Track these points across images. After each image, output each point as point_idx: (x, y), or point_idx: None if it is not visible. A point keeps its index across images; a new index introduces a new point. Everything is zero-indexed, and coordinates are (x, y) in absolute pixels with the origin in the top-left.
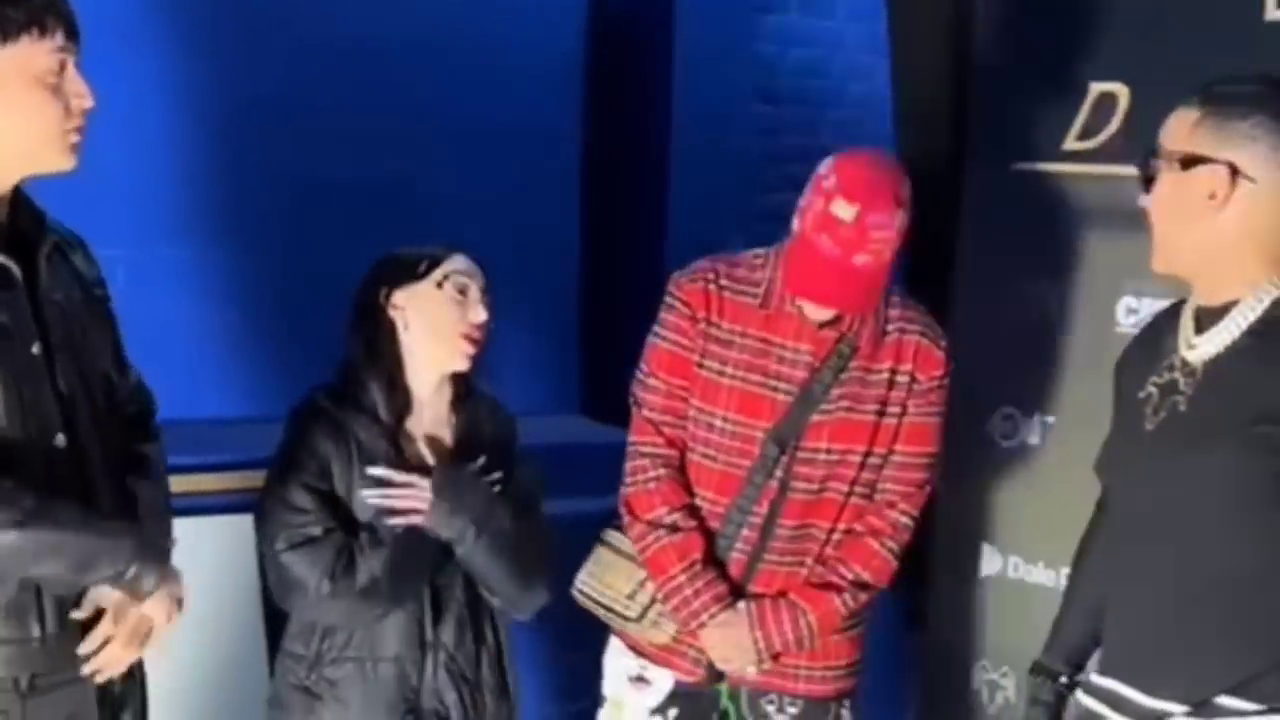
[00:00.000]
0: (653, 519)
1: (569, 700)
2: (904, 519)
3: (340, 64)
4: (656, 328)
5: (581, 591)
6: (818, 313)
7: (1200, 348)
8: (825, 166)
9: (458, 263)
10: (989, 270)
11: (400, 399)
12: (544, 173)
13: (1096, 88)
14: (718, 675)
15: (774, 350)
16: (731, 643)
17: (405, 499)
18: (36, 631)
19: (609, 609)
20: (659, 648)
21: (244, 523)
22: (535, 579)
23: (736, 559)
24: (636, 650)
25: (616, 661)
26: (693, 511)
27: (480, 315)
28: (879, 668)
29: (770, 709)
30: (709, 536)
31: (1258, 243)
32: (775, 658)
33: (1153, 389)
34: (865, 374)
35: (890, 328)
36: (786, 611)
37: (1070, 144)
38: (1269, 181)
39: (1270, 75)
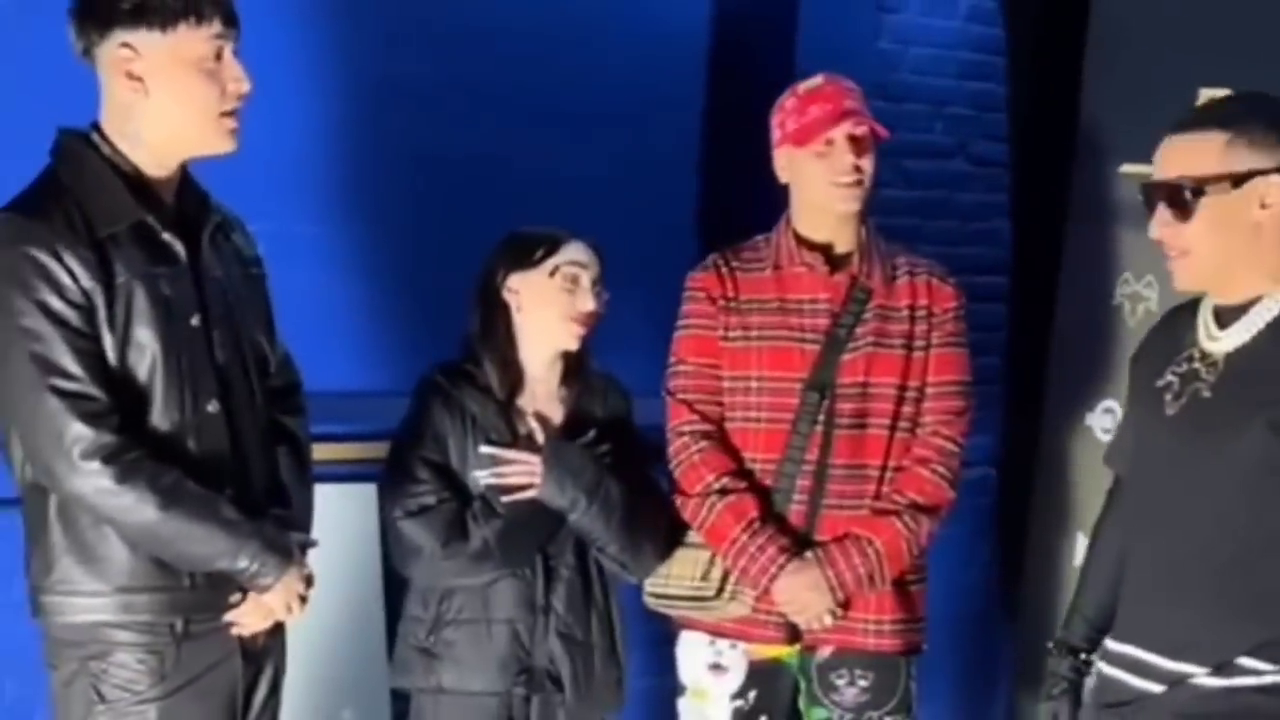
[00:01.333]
0: (703, 489)
1: (668, 675)
2: (948, 445)
3: (474, 46)
4: (679, 320)
5: (653, 594)
6: (842, 202)
7: (1224, 340)
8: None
9: (573, 251)
10: (1094, 268)
11: (513, 376)
12: (666, 160)
13: (1205, 93)
14: (795, 635)
15: (793, 306)
16: (804, 589)
17: (517, 475)
18: (187, 581)
19: (686, 598)
20: (739, 622)
21: (369, 492)
22: (646, 545)
23: (796, 510)
24: (712, 635)
25: (691, 653)
26: (742, 474)
27: (588, 305)
28: (971, 655)
29: (840, 683)
30: (764, 495)
31: None
32: (846, 606)
33: (1173, 377)
34: (885, 311)
35: (899, 271)
36: (853, 545)
37: None
38: None
39: (1254, 94)
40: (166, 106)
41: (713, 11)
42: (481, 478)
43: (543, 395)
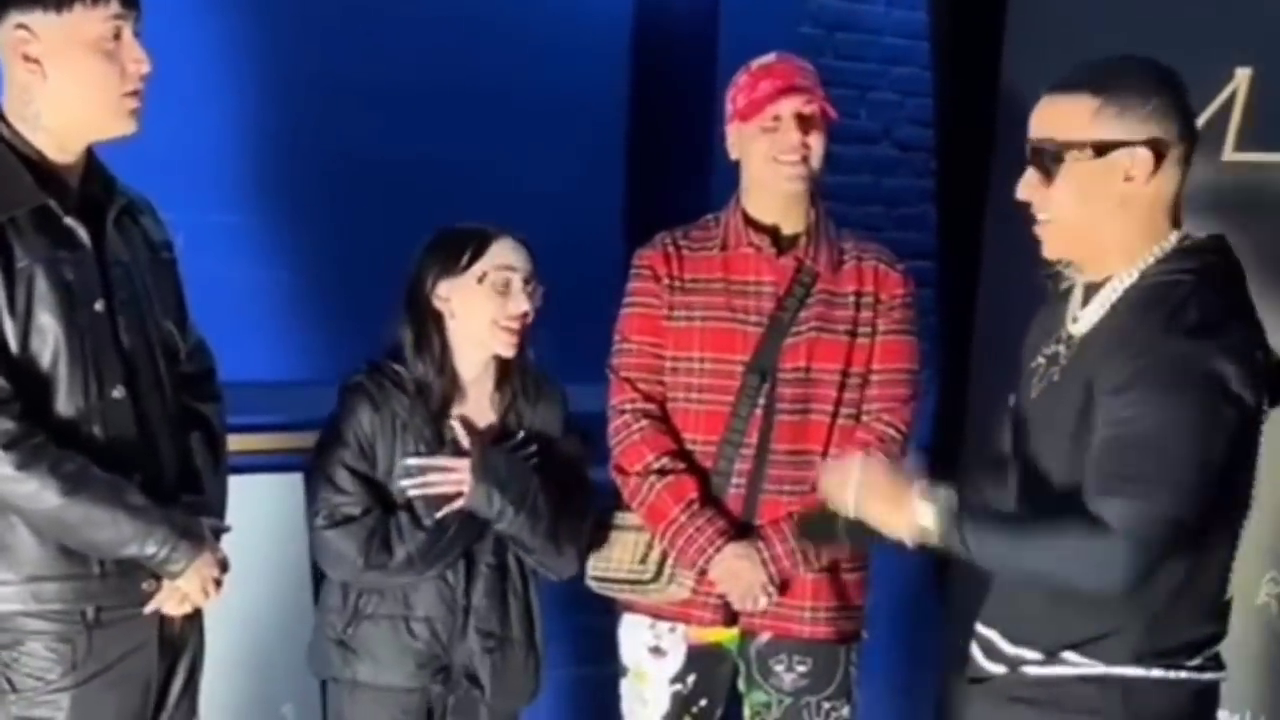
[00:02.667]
0: (642, 468)
1: (596, 664)
2: (891, 431)
3: (394, 39)
4: (625, 298)
5: (595, 578)
6: (785, 183)
7: (1081, 321)
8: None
9: (501, 253)
10: (1017, 250)
11: (447, 384)
12: (590, 153)
13: None
14: (733, 617)
15: (737, 287)
16: (742, 572)
17: (444, 484)
18: (97, 569)
19: (625, 581)
20: (679, 604)
21: (293, 481)
22: (569, 548)
23: (735, 494)
24: (652, 617)
25: (632, 634)
26: (681, 455)
27: (521, 307)
28: (908, 639)
29: (779, 668)
30: (703, 478)
31: (1148, 219)
32: (783, 590)
33: (1042, 359)
34: (830, 297)
35: (847, 256)
36: (788, 525)
37: None
38: (1173, 156)
39: (1139, 58)
40: (65, 88)
41: (635, 7)
42: (407, 487)
43: (474, 400)
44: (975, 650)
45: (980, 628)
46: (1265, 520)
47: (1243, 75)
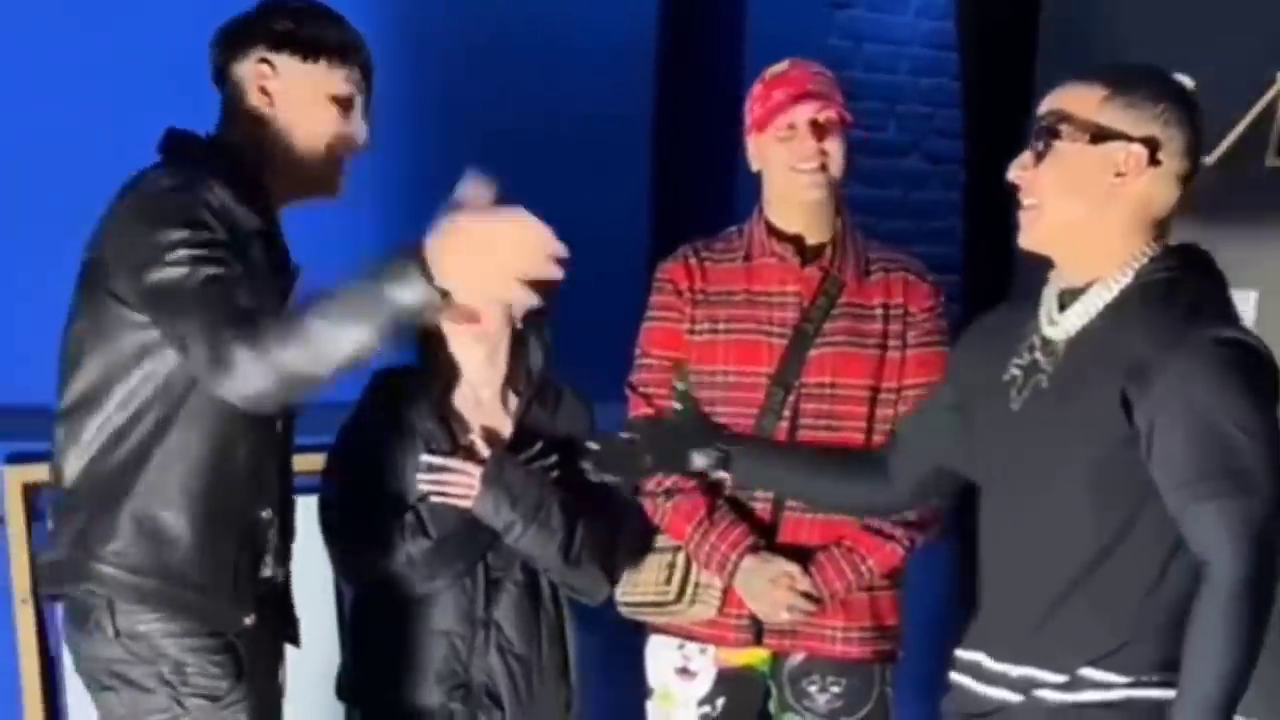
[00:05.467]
0: (653, 488)
1: (626, 687)
2: None
3: (425, 55)
4: (647, 312)
5: (623, 604)
6: (803, 160)
7: (1062, 324)
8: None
9: None
10: (1046, 264)
11: (446, 374)
12: (614, 165)
13: None
14: (759, 636)
15: (762, 299)
16: (765, 582)
17: (454, 485)
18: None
19: (651, 604)
20: (706, 625)
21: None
22: (591, 566)
23: (760, 508)
24: (681, 638)
25: (659, 655)
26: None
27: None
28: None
29: (812, 689)
30: (715, 492)
31: (1137, 225)
32: (818, 603)
33: (1017, 370)
34: (857, 309)
35: (874, 267)
36: (844, 558)
37: None
38: (1169, 167)
39: (1164, 71)
40: (292, 132)
41: (663, 10)
42: (420, 481)
43: (489, 404)
44: (962, 678)
45: (965, 653)
46: None
47: None
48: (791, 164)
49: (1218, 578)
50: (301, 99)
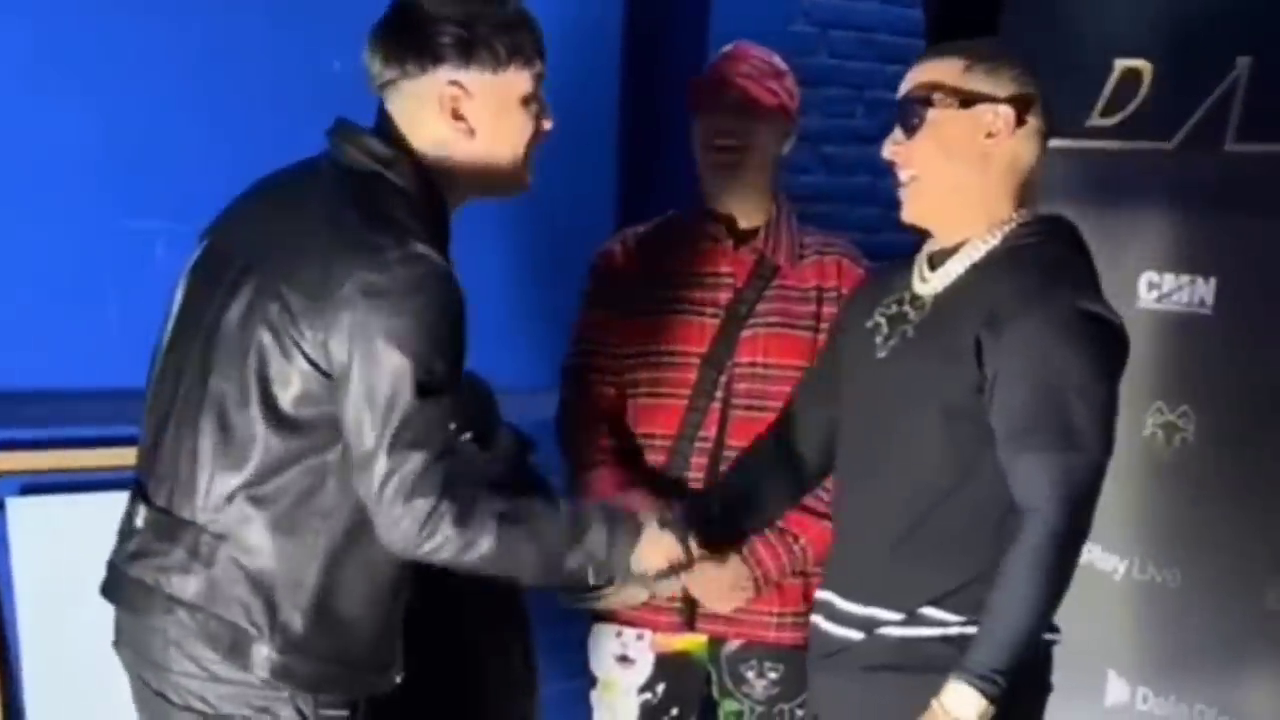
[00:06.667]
0: (578, 464)
1: (564, 679)
2: None
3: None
4: (583, 300)
5: (560, 591)
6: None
7: (931, 281)
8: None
9: None
10: None
11: None
12: (580, 154)
13: (1121, 64)
14: (691, 620)
15: (695, 279)
16: (722, 586)
17: None
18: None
19: (587, 589)
20: (638, 610)
21: None
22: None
23: (692, 489)
24: (618, 624)
25: (599, 644)
26: (617, 451)
27: None
28: None
29: (750, 675)
30: (637, 471)
31: (1006, 185)
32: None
33: (880, 319)
34: (790, 290)
35: (808, 251)
36: (778, 540)
37: (1094, 120)
38: (1034, 125)
39: (999, 39)
40: (490, 147)
41: (624, 4)
42: None
43: None
44: (816, 619)
45: (822, 593)
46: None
47: (1244, 64)
48: (706, 142)
49: (1034, 526)
50: (495, 113)
